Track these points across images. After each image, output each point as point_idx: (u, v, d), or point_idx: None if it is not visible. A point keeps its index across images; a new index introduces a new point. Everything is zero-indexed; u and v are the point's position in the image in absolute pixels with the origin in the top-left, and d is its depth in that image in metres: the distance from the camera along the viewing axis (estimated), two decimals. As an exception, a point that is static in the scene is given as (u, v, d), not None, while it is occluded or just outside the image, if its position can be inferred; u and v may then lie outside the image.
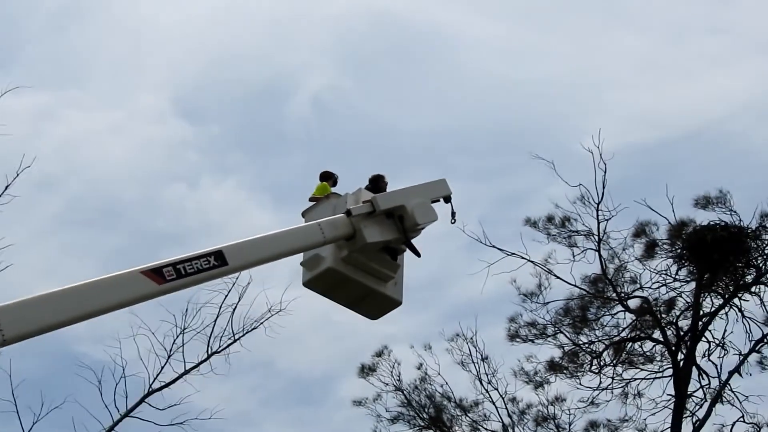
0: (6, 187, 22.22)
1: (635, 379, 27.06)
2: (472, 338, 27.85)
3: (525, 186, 46.17)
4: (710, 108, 49.66)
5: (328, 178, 14.11)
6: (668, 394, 26.31)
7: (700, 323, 26.42)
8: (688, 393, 26.14)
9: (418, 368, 27.74)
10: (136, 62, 53.13)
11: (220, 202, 48.09)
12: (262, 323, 25.91)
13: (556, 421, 27.10)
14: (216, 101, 54.47)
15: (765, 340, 26.30)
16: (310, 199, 13.85)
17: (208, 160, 52.52)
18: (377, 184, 13.61)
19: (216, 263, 10.71)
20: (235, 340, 25.88)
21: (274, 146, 53.69)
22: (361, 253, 12.59)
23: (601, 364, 27.08)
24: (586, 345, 27.31)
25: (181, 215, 47.83)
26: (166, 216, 48.58)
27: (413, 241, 13.02)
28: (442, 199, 13.48)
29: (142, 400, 25.11)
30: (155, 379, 25.24)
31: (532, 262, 26.91)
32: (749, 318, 26.45)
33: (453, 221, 13.59)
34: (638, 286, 27.03)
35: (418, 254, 13.06)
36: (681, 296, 27.02)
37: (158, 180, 51.27)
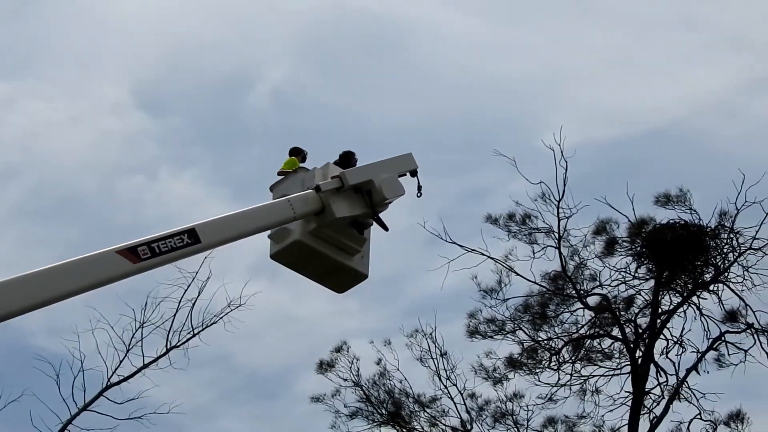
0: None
1: (593, 376, 27.19)
2: (431, 334, 27.82)
3: (487, 181, 46.13)
4: (677, 105, 50.01)
5: (298, 153, 14.20)
6: (626, 391, 26.46)
7: (659, 321, 26.56)
8: (646, 390, 26.25)
9: (377, 363, 27.73)
10: (96, 52, 52.91)
11: (179, 195, 47.95)
12: (221, 318, 25.95)
13: (514, 417, 27.11)
14: (176, 93, 54.41)
15: (722, 338, 26.45)
16: (279, 173, 13.88)
17: (167, 152, 52.41)
18: (348, 160, 13.75)
19: (189, 241, 10.89)
20: (194, 335, 25.87)
21: (234, 139, 53.62)
22: (329, 227, 12.67)
23: (560, 360, 27.16)
24: (545, 342, 27.38)
25: (140, 207, 47.72)
26: (125, 208, 48.44)
27: (381, 215, 13.15)
28: (408, 173, 13.55)
29: (100, 394, 25.06)
30: (113, 373, 25.23)
31: (492, 258, 26.94)
32: (707, 316, 26.66)
33: (419, 195, 13.68)
34: (598, 283, 27.15)
35: (386, 228, 13.22)
36: (640, 294, 27.18)
37: (117, 171, 51.08)
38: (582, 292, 27.05)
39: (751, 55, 50.99)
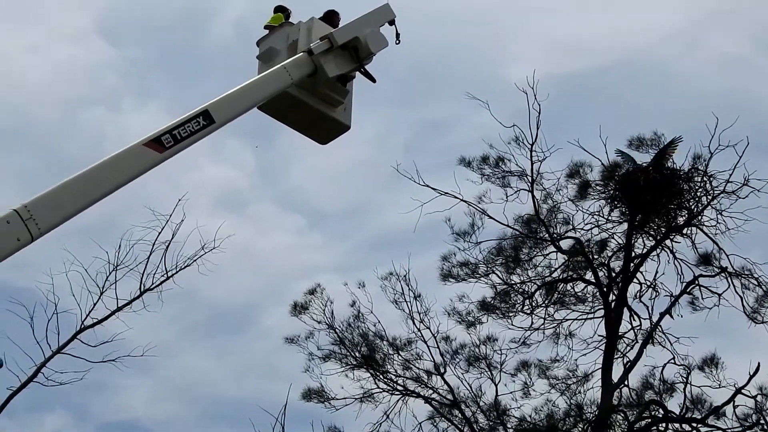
0: None
1: (567, 320, 27.09)
2: (405, 276, 27.65)
3: (449, 113, 45.68)
4: (637, 36, 49.76)
5: (283, 11, 14.62)
6: (599, 335, 26.37)
7: (632, 264, 26.45)
8: (620, 334, 26.14)
9: (351, 305, 27.56)
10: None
11: (140, 126, 47.37)
12: (195, 261, 26.01)
13: (487, 360, 27.00)
14: (137, 23, 53.43)
15: (696, 282, 26.36)
16: (265, 27, 14.34)
17: (128, 83, 51.80)
18: (331, 18, 14.15)
19: (205, 123, 11.45)
20: (168, 278, 25.92)
21: (196, 70, 53.03)
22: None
23: (533, 304, 27.06)
24: (518, 285, 27.31)
25: (100, 139, 47.14)
26: (85, 139, 47.90)
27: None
28: (387, 23, 14.20)
29: (74, 337, 25.09)
30: (87, 315, 25.21)
31: (465, 201, 26.85)
32: (681, 260, 26.53)
33: (398, 42, 14.24)
34: (571, 227, 27.04)
35: (373, 80, 13.72)
36: (613, 237, 27.05)
37: (77, 102, 50.40)
38: (555, 235, 26.95)
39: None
